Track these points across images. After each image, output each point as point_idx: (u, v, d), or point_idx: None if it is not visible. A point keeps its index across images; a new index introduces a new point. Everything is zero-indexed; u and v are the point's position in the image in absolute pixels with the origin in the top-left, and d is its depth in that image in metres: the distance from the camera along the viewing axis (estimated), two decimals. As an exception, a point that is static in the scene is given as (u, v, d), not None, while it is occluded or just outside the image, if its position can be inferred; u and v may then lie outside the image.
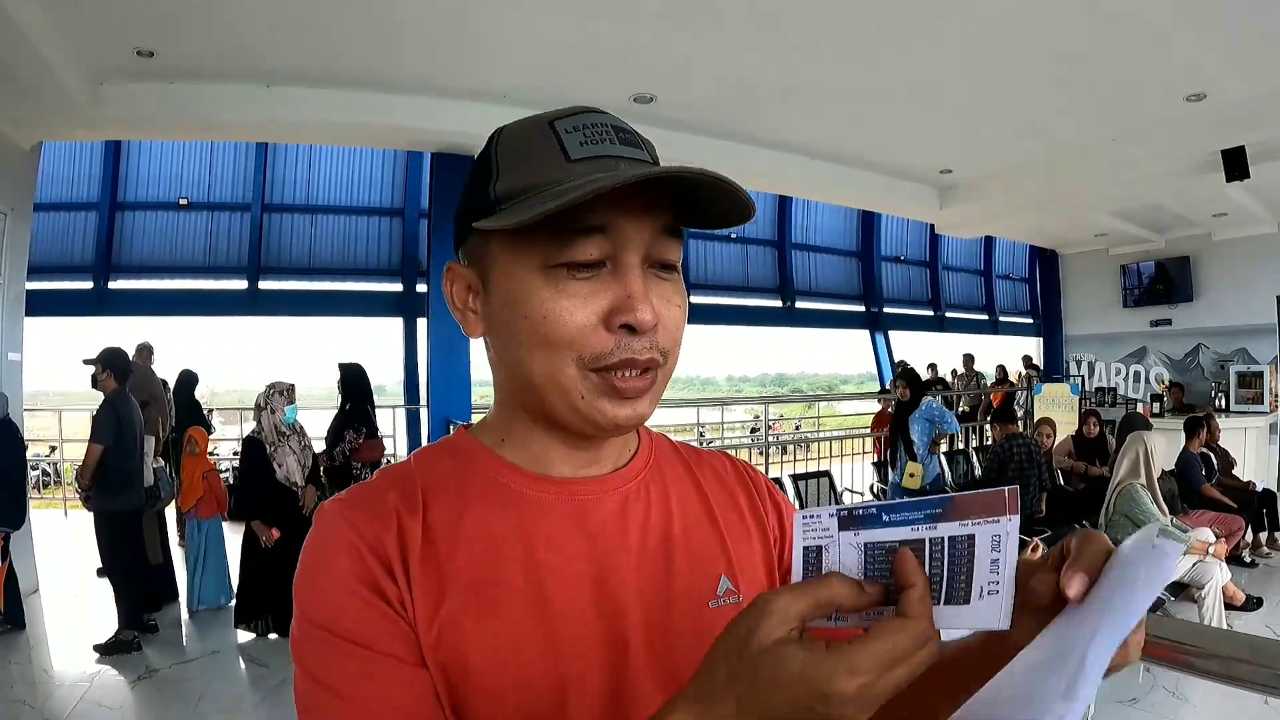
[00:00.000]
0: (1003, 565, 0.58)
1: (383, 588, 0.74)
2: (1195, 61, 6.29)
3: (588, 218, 0.73)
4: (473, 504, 0.81)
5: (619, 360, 0.75)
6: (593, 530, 0.82)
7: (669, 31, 5.73)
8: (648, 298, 0.75)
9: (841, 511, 0.65)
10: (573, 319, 0.75)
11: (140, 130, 7.48)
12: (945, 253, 16.72)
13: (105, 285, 10.16)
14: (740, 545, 0.90)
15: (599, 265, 0.75)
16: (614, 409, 0.77)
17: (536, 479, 0.83)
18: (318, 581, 0.75)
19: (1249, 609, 5.63)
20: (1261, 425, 10.80)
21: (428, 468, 0.84)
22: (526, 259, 0.76)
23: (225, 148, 10.73)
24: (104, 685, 4.71)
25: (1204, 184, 8.59)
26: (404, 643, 0.73)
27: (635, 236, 0.76)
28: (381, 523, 0.77)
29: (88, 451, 5.32)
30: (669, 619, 0.81)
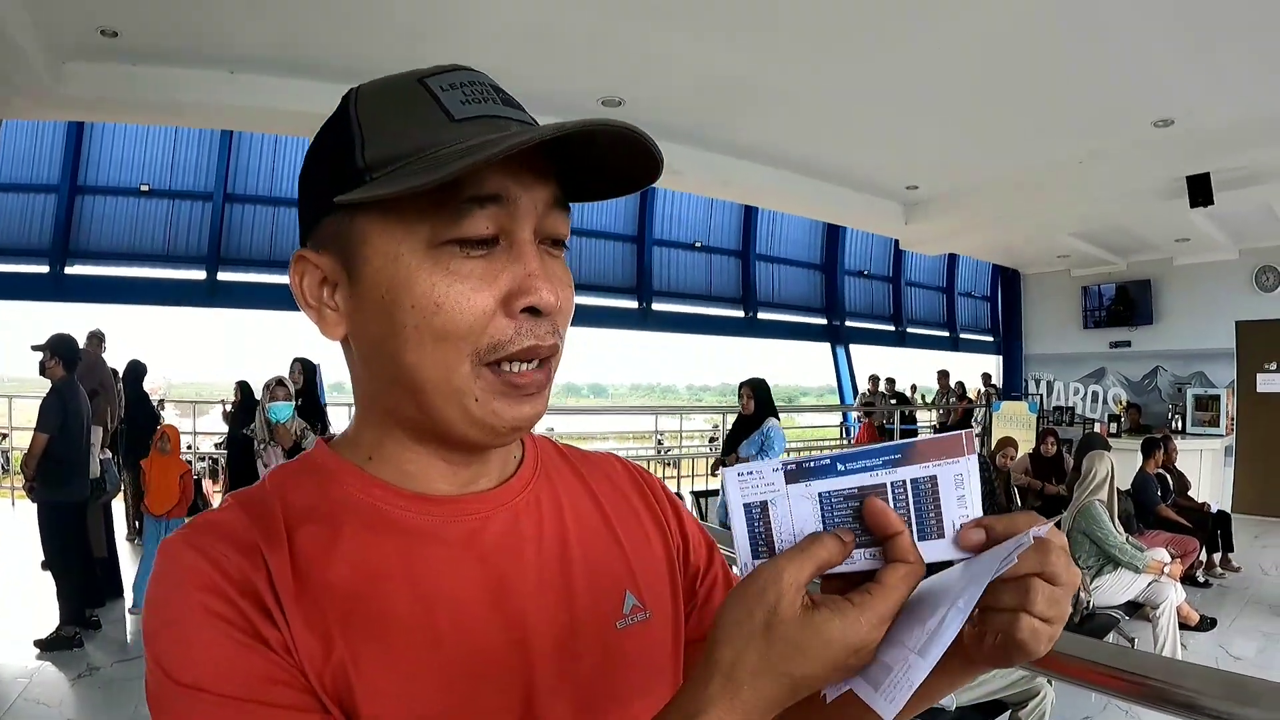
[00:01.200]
0: (969, 500, 0.62)
1: (263, 633, 0.62)
2: (1165, 88, 6.38)
3: (482, 186, 0.65)
4: (344, 532, 0.70)
5: (521, 349, 0.67)
6: (483, 552, 0.73)
7: (639, 32, 5.71)
8: (549, 275, 0.68)
9: (789, 465, 0.64)
10: (470, 304, 0.65)
11: (102, 112, 7.34)
12: (908, 268, 16.87)
13: (62, 270, 9.98)
14: (641, 553, 0.84)
15: (493, 242, 0.67)
16: (512, 409, 0.69)
17: (414, 499, 0.73)
18: (182, 634, 0.62)
19: (1203, 629, 5.69)
20: (1217, 448, 10.96)
21: (287, 491, 0.72)
22: (409, 238, 0.66)
23: (188, 135, 10.59)
24: (43, 682, 4.60)
25: (1168, 209, 8.72)
26: (303, 692, 0.62)
27: (529, 208, 0.68)
28: (246, 557, 0.65)
29: (33, 440, 5.21)
30: (576, 644, 0.74)
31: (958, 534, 0.62)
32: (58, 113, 7.27)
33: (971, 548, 0.62)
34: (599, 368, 40.23)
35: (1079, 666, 1.33)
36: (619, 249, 13.20)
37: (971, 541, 0.62)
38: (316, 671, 0.63)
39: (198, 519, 0.70)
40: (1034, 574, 0.59)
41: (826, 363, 15.86)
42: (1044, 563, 0.59)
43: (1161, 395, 13.09)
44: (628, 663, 0.77)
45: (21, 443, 9.09)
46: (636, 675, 0.77)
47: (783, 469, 0.63)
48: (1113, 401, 13.65)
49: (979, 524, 0.62)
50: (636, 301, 13.27)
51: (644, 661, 0.79)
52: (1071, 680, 1.42)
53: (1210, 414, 11.60)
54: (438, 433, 0.72)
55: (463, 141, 0.64)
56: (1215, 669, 1.21)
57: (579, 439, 14.97)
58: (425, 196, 0.63)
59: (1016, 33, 5.53)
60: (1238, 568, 7.55)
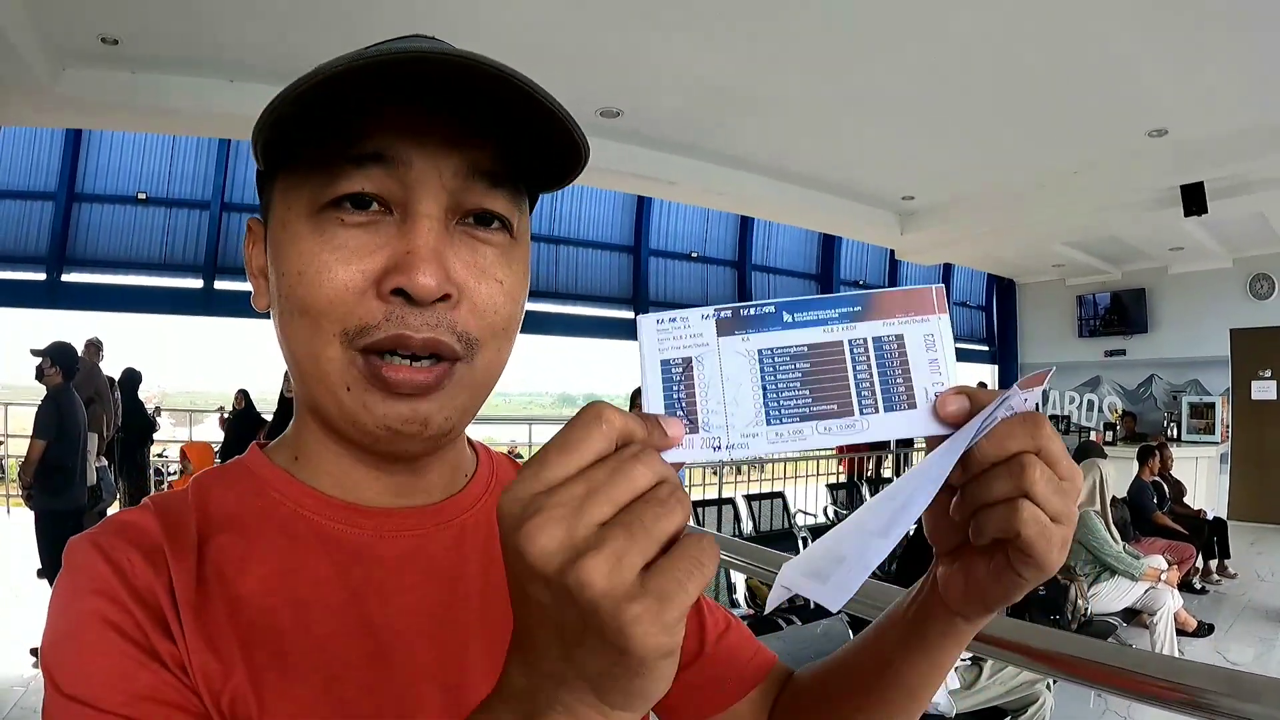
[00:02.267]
0: (943, 364, 0.52)
1: (157, 647, 0.56)
2: (1158, 97, 6.39)
3: (363, 142, 0.57)
4: (259, 543, 0.63)
5: (386, 337, 0.58)
6: (422, 575, 0.66)
7: (634, 44, 5.73)
8: (439, 257, 0.58)
9: (722, 312, 0.52)
10: (333, 276, 0.58)
11: (101, 118, 7.33)
12: (904, 278, 16.85)
13: (58, 277, 9.94)
14: None
15: (383, 210, 0.59)
16: (381, 406, 0.60)
17: (344, 509, 0.66)
18: (72, 641, 0.56)
19: (1200, 635, 5.70)
20: (1212, 455, 11.00)
21: (209, 497, 0.65)
22: (296, 201, 0.60)
23: (187, 144, 10.56)
24: (39, 690, 4.55)
25: (1162, 218, 8.75)
26: (192, 716, 0.55)
27: (431, 175, 0.58)
28: (149, 563, 0.58)
29: (30, 447, 5.20)
30: None
31: (933, 403, 0.51)
32: (56, 118, 7.27)
33: (951, 418, 0.50)
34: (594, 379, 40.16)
35: (1082, 666, 1.34)
36: (615, 259, 13.17)
37: (950, 410, 0.50)
38: (214, 692, 0.56)
39: (110, 518, 0.64)
40: (1029, 450, 0.50)
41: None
42: (1037, 436, 0.50)
43: (1157, 403, 13.12)
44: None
45: (17, 450, 9.06)
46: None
47: (715, 317, 0.52)
48: (1108, 410, 13.66)
49: (959, 391, 0.51)
50: (632, 312, 13.24)
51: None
52: (1074, 679, 1.42)
53: (1205, 421, 11.64)
54: (333, 425, 0.64)
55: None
56: (1216, 666, 1.21)
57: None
58: (312, 156, 0.58)
59: (1011, 43, 5.55)
60: (1234, 574, 7.57)
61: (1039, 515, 0.49)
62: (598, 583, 0.37)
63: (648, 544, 0.39)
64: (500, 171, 0.61)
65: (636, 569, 0.38)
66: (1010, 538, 0.50)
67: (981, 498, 0.51)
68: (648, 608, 0.38)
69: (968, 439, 0.48)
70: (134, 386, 8.02)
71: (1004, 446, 0.49)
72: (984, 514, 0.51)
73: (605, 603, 0.37)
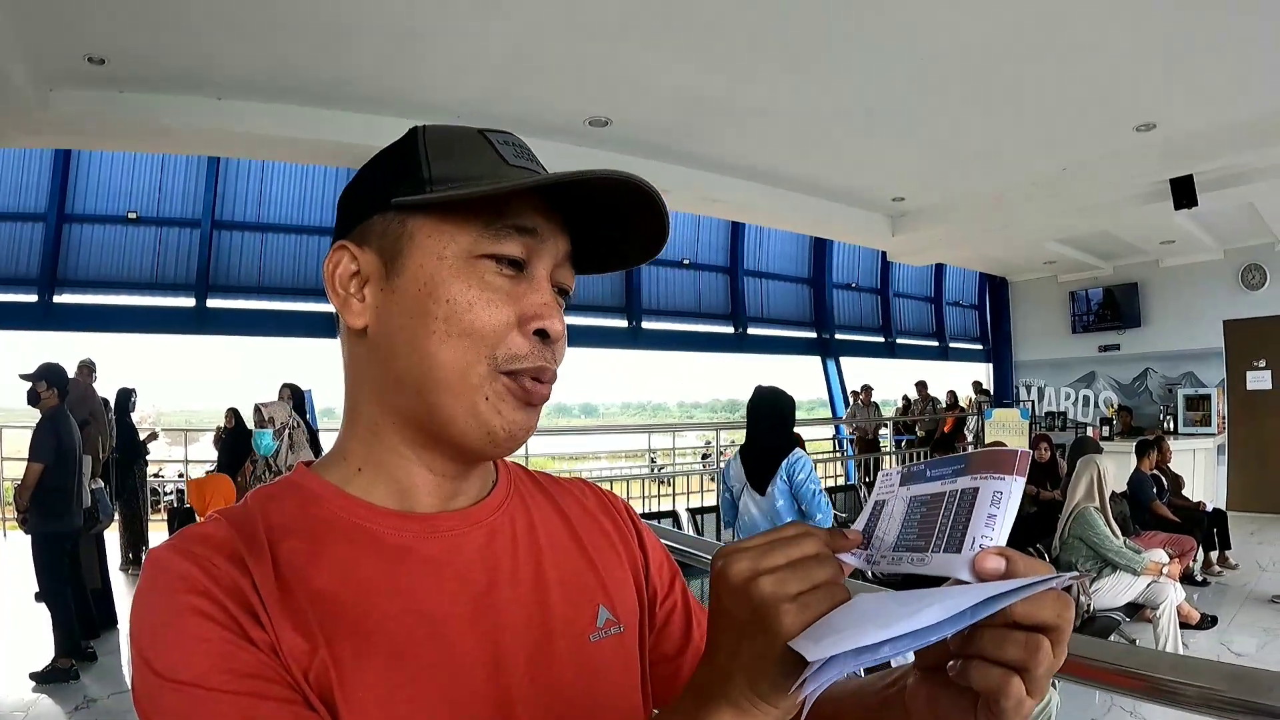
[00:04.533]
0: (1000, 522, 0.57)
1: (249, 634, 0.64)
2: (1146, 92, 6.42)
3: (524, 217, 0.74)
4: (325, 546, 0.72)
5: (533, 366, 0.74)
6: (460, 568, 0.76)
7: (621, 53, 5.74)
8: (560, 311, 0.76)
9: (905, 469, 0.68)
10: (496, 312, 0.73)
11: (89, 139, 7.33)
12: (896, 280, 16.88)
13: (50, 298, 9.91)
14: (612, 570, 0.88)
15: (520, 266, 0.75)
16: (515, 413, 0.75)
17: (394, 516, 0.76)
18: (171, 630, 0.63)
19: (1204, 628, 5.69)
20: (1209, 447, 11.00)
21: (269, 508, 0.75)
22: (454, 243, 0.73)
23: (176, 162, 10.55)
24: (40, 715, 4.56)
25: (1152, 212, 8.77)
26: (290, 687, 0.64)
27: (552, 251, 0.76)
28: (232, 564, 0.67)
29: (27, 471, 5.17)
30: (551, 657, 0.77)
31: (975, 555, 0.56)
32: (44, 140, 7.25)
33: (985, 574, 0.55)
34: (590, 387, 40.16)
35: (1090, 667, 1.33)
36: (608, 268, 13.20)
37: (987, 567, 0.55)
38: (302, 669, 0.65)
39: (184, 531, 0.71)
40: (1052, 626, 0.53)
41: (816, 376, 15.84)
42: (1062, 619, 0.54)
43: (1152, 397, 13.15)
44: (601, 675, 0.80)
45: (13, 473, 9.02)
46: (610, 687, 0.80)
47: (901, 472, 0.69)
48: (1104, 405, 13.69)
49: (1001, 552, 0.55)
50: (626, 320, 13.22)
51: (617, 673, 0.82)
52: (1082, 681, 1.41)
53: (1201, 414, 11.64)
54: (433, 431, 0.76)
55: (511, 181, 0.72)
56: (1225, 663, 1.21)
57: (572, 459, 14.93)
58: (475, 214, 0.72)
59: (996, 43, 5.57)
60: (1235, 565, 7.58)
61: (1023, 694, 0.54)
62: (765, 589, 0.56)
63: (803, 581, 0.57)
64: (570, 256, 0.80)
65: (792, 593, 0.56)
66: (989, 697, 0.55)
67: (985, 650, 0.55)
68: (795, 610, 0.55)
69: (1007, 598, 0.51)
70: (126, 407, 7.98)
71: (1035, 615, 0.54)
72: (978, 665, 0.55)
73: (769, 601, 0.56)
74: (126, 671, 5.13)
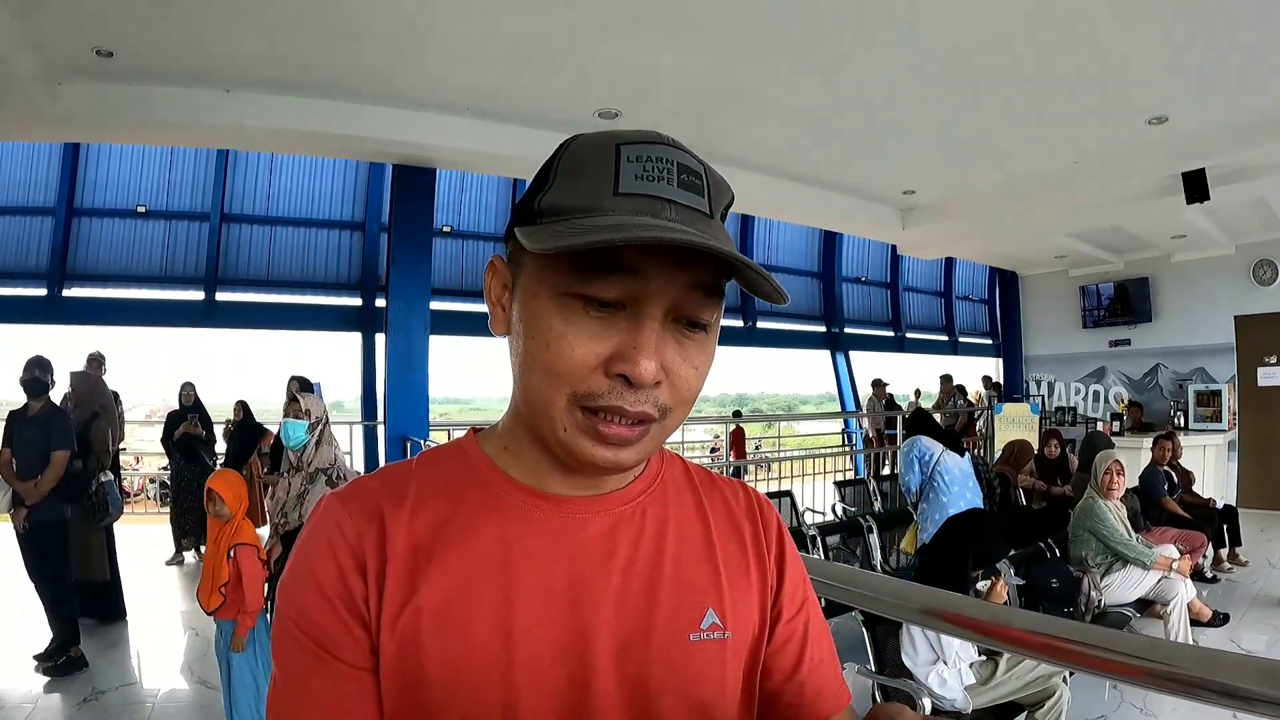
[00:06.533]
0: None
1: (349, 588, 0.75)
2: (1157, 85, 6.37)
3: (617, 257, 0.71)
4: (461, 509, 0.80)
5: (607, 405, 0.73)
6: (575, 549, 0.80)
7: (634, 45, 5.72)
8: (656, 352, 0.73)
9: None
10: (573, 354, 0.72)
11: (97, 132, 7.34)
12: (906, 273, 16.85)
13: (59, 293, 9.95)
14: (736, 580, 0.87)
15: (618, 306, 0.73)
16: (592, 449, 0.75)
17: (528, 492, 0.82)
18: (296, 577, 0.77)
19: (1215, 625, 5.65)
20: (1220, 443, 10.97)
21: (427, 470, 0.84)
22: (548, 281, 0.74)
23: (185, 155, 10.57)
24: (48, 707, 4.56)
25: (1164, 206, 8.73)
26: (354, 649, 0.75)
27: (662, 288, 0.72)
28: (366, 520, 0.78)
29: (56, 460, 5.16)
30: (646, 648, 0.79)
31: None
32: (53, 133, 7.28)
33: None
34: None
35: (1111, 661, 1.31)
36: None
37: None
38: (394, 613, 0.75)
39: (352, 484, 0.84)
40: None
41: (826, 370, 15.82)
42: None
43: (1163, 392, 13.09)
44: (694, 674, 0.80)
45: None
46: (701, 688, 0.81)
47: None
48: (1114, 400, 13.64)
49: None
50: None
51: (713, 677, 0.82)
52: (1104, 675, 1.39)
53: (1212, 409, 11.61)
54: (544, 441, 0.79)
55: (606, 216, 0.71)
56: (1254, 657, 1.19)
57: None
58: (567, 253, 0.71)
59: (1008, 35, 5.53)
60: (1245, 562, 7.54)
61: None
62: None
63: None
64: (712, 286, 0.75)
65: None
66: None
67: None
68: None
69: None
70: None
71: None
72: None
73: None
74: (135, 664, 5.17)
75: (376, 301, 11.19)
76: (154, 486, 11.94)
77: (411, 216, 7.76)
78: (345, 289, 11.54)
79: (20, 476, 5.14)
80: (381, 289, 10.36)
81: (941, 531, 4.91)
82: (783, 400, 36.68)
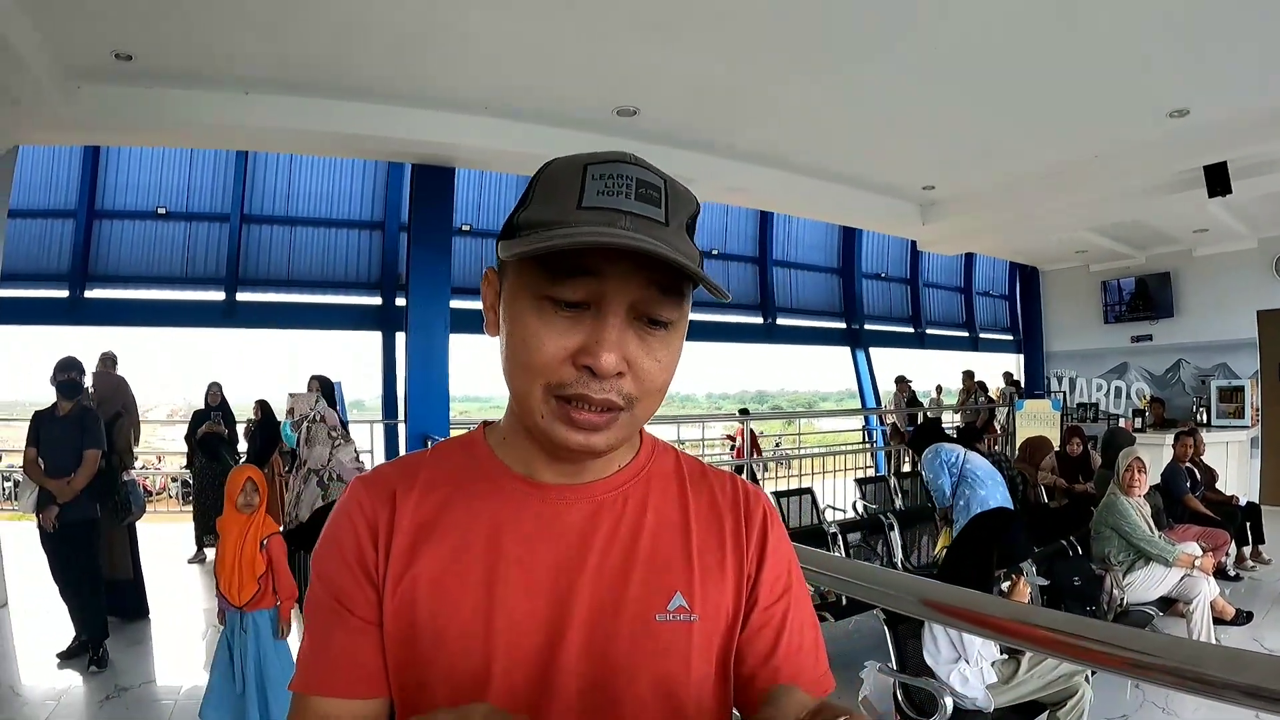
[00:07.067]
0: None
1: (364, 554, 0.91)
2: (1178, 78, 6.31)
3: (581, 261, 0.79)
4: (461, 494, 0.93)
5: (574, 394, 0.82)
6: (558, 531, 0.91)
7: (650, 44, 5.70)
8: (617, 345, 0.81)
9: None
10: (545, 349, 0.82)
11: (117, 135, 7.38)
12: (926, 269, 16.76)
13: (81, 294, 10.02)
14: (709, 565, 0.95)
15: (584, 306, 0.81)
16: (566, 433, 0.84)
17: (519, 479, 0.94)
18: (325, 546, 0.94)
19: (1238, 623, 5.58)
20: (1243, 439, 10.87)
21: (439, 457, 0.99)
22: (526, 286, 0.83)
23: (204, 157, 10.63)
24: (72, 704, 4.59)
25: (1185, 200, 8.63)
26: (365, 606, 0.90)
27: (621, 289, 0.81)
28: (382, 499, 0.93)
29: (89, 459, 5.24)
30: (613, 624, 0.88)
31: None
32: (73, 136, 7.32)
33: None
34: (616, 378, 40.04)
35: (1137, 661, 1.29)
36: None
37: None
38: (396, 578, 0.89)
39: (377, 468, 1.00)
40: None
41: (845, 367, 15.76)
42: None
43: (1185, 388, 12.98)
44: (657, 651, 0.88)
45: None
46: (664, 665, 0.89)
47: None
48: (1136, 397, 13.54)
49: None
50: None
51: (677, 656, 0.89)
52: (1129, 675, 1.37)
53: (1235, 405, 11.50)
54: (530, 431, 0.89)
55: (565, 228, 0.79)
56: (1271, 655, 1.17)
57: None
58: (539, 260, 0.80)
59: (1028, 29, 5.49)
60: (1269, 560, 7.46)
61: None
62: None
63: None
64: (669, 286, 0.83)
65: None
66: None
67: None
68: None
69: None
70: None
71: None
72: None
73: None
74: (157, 661, 5.20)
75: (396, 301, 11.23)
76: (175, 485, 12.04)
77: (431, 216, 7.77)
78: (365, 288, 11.57)
79: (50, 476, 5.19)
80: (401, 288, 10.39)
81: (967, 529, 4.89)
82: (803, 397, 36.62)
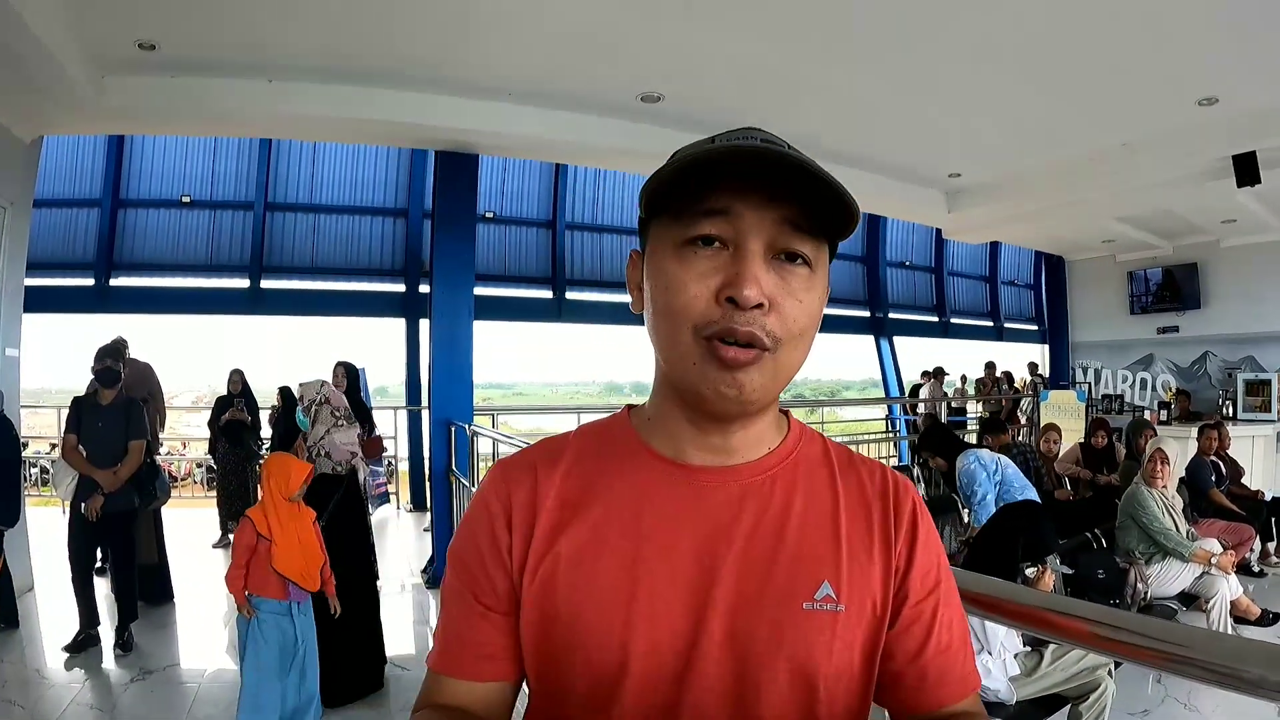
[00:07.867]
0: None
1: (497, 535, 0.92)
2: (1207, 65, 6.22)
3: (711, 201, 0.81)
4: (605, 474, 0.93)
5: (721, 329, 0.80)
6: (704, 514, 0.89)
7: (676, 28, 5.66)
8: (756, 279, 0.80)
9: None
10: (688, 289, 0.82)
11: (142, 124, 7.43)
12: (951, 258, 16.66)
13: (106, 282, 10.12)
14: (858, 555, 0.91)
15: (722, 245, 0.82)
16: (714, 375, 0.82)
17: (665, 461, 0.92)
18: (462, 528, 0.96)
19: (1264, 624, 5.39)
20: (1269, 433, 10.76)
21: (582, 439, 0.99)
22: (667, 238, 0.85)
23: (229, 145, 10.70)
24: (97, 686, 4.65)
25: (1214, 190, 8.55)
26: (490, 593, 0.91)
27: (756, 224, 0.81)
28: (520, 481, 0.94)
29: (135, 449, 5.37)
30: (757, 610, 0.85)
31: None
32: (98, 126, 7.37)
33: None
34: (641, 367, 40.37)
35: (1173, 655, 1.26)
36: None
37: None
38: (539, 556, 0.89)
39: (523, 450, 1.01)
40: None
41: (869, 355, 15.70)
42: None
43: (1211, 381, 12.87)
44: (802, 640, 0.85)
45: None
46: (808, 655, 0.85)
47: None
48: (1162, 388, 13.42)
49: None
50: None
51: (821, 646, 0.86)
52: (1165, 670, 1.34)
53: (1261, 399, 11.39)
54: (682, 398, 0.90)
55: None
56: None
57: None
58: (677, 210, 0.83)
59: (1056, 16, 5.42)
60: (1294, 557, 7.37)
61: None
62: None
63: None
64: (802, 224, 0.83)
65: None
66: None
67: None
68: None
69: None
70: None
71: None
72: None
73: None
74: (181, 644, 5.25)
75: (420, 287, 11.27)
76: (200, 471, 12.15)
77: (454, 202, 7.76)
78: (389, 275, 11.63)
79: (94, 465, 5.25)
80: (425, 275, 10.44)
81: (993, 520, 4.87)
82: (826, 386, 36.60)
